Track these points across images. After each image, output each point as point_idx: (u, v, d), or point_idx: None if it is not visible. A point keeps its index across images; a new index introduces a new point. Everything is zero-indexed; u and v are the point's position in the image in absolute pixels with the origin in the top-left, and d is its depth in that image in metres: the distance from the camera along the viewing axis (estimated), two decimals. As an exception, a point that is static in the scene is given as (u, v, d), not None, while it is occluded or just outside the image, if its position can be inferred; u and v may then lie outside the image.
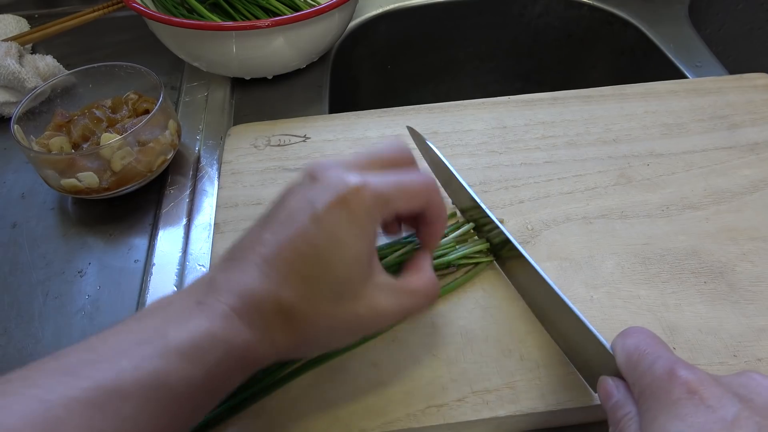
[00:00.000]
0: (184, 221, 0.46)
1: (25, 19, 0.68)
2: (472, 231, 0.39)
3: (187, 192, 0.48)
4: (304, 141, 0.49)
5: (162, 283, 0.42)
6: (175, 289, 0.41)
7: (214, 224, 0.43)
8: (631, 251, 0.39)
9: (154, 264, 0.43)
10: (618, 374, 0.28)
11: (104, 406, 0.22)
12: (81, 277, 0.43)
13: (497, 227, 0.37)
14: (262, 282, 0.27)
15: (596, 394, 0.29)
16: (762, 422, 0.21)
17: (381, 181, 0.29)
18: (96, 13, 0.63)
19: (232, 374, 0.26)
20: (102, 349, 0.24)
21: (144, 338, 0.24)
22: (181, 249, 0.44)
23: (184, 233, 0.45)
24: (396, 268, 0.35)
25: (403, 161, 0.32)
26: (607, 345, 0.29)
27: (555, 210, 0.42)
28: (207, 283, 0.27)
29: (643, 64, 0.68)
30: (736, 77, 0.53)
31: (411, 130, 0.46)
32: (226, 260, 0.29)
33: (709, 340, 0.34)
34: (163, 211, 0.47)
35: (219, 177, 0.48)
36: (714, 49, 0.63)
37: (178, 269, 0.42)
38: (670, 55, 0.62)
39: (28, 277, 0.43)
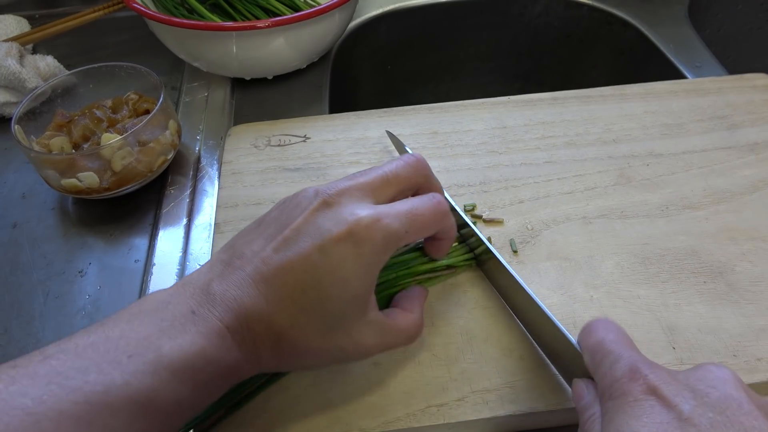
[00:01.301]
0: (185, 221, 0.46)
1: (25, 20, 0.68)
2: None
3: (188, 192, 0.48)
4: (304, 141, 0.49)
5: (162, 283, 0.42)
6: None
7: (215, 224, 0.43)
8: (631, 251, 0.39)
9: (154, 264, 0.43)
10: (590, 375, 0.27)
11: (93, 421, 0.21)
12: (81, 277, 0.43)
13: (473, 232, 0.37)
14: (257, 302, 0.26)
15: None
16: (715, 418, 0.21)
17: (393, 216, 0.28)
18: (96, 14, 0.63)
19: (218, 390, 0.26)
20: (92, 355, 0.23)
21: (136, 349, 0.24)
22: (182, 249, 0.44)
23: (185, 233, 0.45)
24: (394, 273, 0.35)
25: (420, 181, 0.32)
26: (577, 345, 0.29)
27: (555, 210, 0.42)
28: (203, 289, 0.27)
29: (643, 64, 0.68)
30: (735, 77, 0.53)
31: (390, 135, 0.46)
32: (224, 263, 0.28)
33: (708, 339, 0.34)
34: (164, 211, 0.47)
35: (219, 177, 0.48)
36: (713, 49, 0.63)
37: (178, 269, 0.42)
38: (669, 56, 0.62)
39: (28, 276, 0.43)
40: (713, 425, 0.21)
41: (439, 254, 0.35)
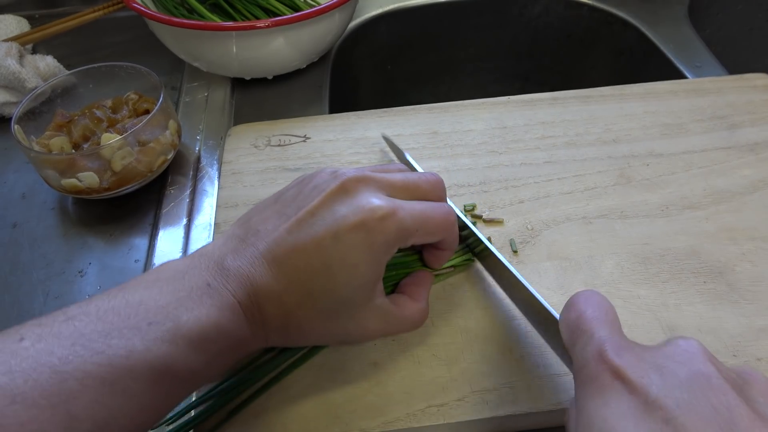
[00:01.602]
0: (185, 221, 0.46)
1: (25, 20, 0.68)
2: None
3: (188, 192, 0.48)
4: (304, 141, 0.49)
5: (162, 282, 0.42)
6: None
7: (215, 224, 0.43)
8: (631, 251, 0.39)
9: (154, 264, 0.43)
10: None
11: (115, 383, 0.22)
12: (81, 277, 0.43)
13: (468, 227, 0.37)
14: (268, 281, 0.27)
15: None
16: (682, 397, 0.21)
17: (408, 212, 0.29)
18: (96, 13, 0.63)
19: (228, 362, 0.27)
20: (113, 320, 0.24)
21: (155, 317, 0.24)
22: (182, 249, 0.44)
23: (185, 233, 0.45)
24: (394, 271, 0.35)
25: (434, 196, 0.32)
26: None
27: (555, 210, 0.42)
28: (217, 262, 0.28)
29: (643, 64, 0.68)
30: (735, 77, 0.53)
31: (387, 140, 0.46)
32: (238, 239, 0.29)
33: (708, 339, 0.34)
34: (164, 211, 0.47)
35: (219, 177, 0.48)
36: (714, 49, 0.63)
37: (178, 269, 0.42)
38: (669, 56, 0.62)
39: (28, 277, 0.43)
40: (680, 405, 0.20)
41: (438, 264, 0.36)
